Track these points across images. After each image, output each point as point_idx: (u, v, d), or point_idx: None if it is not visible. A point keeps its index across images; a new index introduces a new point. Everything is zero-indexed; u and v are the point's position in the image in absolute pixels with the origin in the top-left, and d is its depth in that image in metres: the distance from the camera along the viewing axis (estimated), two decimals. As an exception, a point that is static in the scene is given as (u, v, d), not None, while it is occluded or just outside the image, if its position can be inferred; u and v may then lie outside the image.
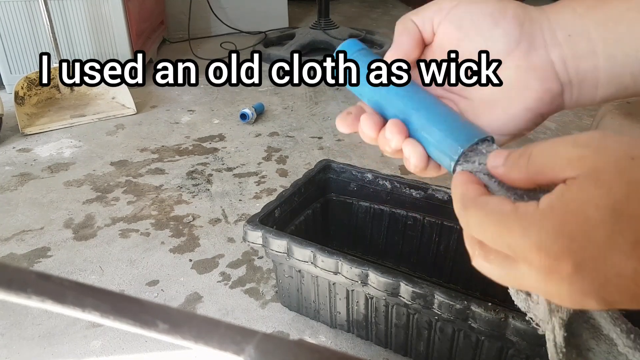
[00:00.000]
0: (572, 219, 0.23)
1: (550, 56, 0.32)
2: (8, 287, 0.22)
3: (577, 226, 0.23)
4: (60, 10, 1.87)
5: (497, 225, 0.26)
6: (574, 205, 0.23)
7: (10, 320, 0.92)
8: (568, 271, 0.23)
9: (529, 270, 0.25)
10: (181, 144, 1.59)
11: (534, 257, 0.24)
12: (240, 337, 0.21)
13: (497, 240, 0.26)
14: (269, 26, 2.81)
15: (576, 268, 0.23)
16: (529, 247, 0.24)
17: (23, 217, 1.22)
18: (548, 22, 0.33)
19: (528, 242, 0.24)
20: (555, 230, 0.23)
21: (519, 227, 0.25)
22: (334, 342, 0.88)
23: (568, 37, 0.32)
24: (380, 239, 1.04)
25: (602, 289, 0.23)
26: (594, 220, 0.23)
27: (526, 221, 0.25)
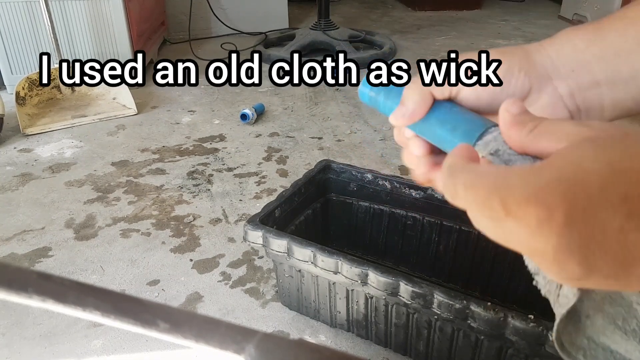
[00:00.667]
0: (569, 169, 0.24)
1: (558, 91, 0.35)
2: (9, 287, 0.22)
3: (573, 177, 0.24)
4: (61, 10, 1.87)
5: (490, 184, 0.26)
6: (570, 158, 0.24)
7: (12, 320, 0.92)
8: (560, 221, 0.23)
9: (518, 226, 0.25)
10: (182, 144, 1.59)
11: (527, 209, 0.24)
12: (240, 337, 0.22)
13: (488, 200, 0.26)
14: (269, 27, 2.81)
15: (567, 219, 0.23)
16: (525, 197, 0.24)
17: (24, 217, 1.23)
18: (551, 61, 0.36)
19: (525, 193, 0.24)
20: (552, 180, 0.24)
21: (515, 180, 0.25)
22: (333, 341, 0.88)
23: (572, 71, 0.35)
24: (380, 239, 1.04)
25: (587, 244, 0.23)
26: (590, 170, 0.23)
27: (523, 173, 0.25)
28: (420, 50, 2.55)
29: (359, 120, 1.76)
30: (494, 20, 3.26)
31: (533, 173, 0.25)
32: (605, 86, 0.35)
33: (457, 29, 3.01)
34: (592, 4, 2.89)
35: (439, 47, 2.62)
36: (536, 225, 0.24)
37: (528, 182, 0.24)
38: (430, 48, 2.59)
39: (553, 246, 0.24)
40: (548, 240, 0.24)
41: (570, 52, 0.35)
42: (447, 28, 3.04)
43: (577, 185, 0.23)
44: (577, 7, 3.04)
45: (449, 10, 3.48)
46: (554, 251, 0.24)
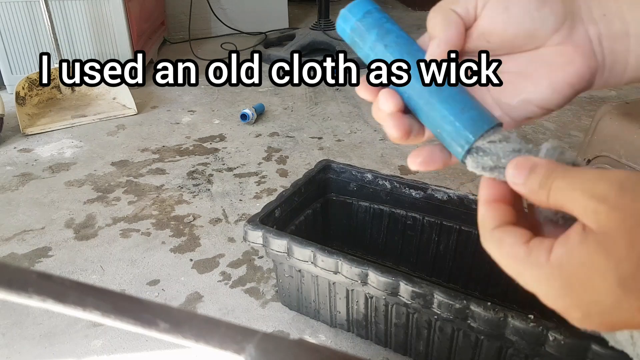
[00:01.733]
0: (578, 284, 0.25)
1: (589, 33, 0.32)
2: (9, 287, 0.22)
3: (583, 291, 0.25)
4: (61, 10, 1.87)
5: (512, 269, 0.28)
6: (581, 272, 0.25)
7: (12, 320, 0.92)
8: (577, 317, 0.26)
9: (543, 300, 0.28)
10: (182, 144, 1.59)
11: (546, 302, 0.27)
12: (240, 337, 0.22)
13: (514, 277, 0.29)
14: (269, 27, 2.81)
15: (584, 317, 0.26)
16: (542, 295, 0.27)
17: (24, 217, 1.23)
18: (584, 1, 0.33)
19: (540, 292, 0.27)
20: (563, 289, 0.26)
21: (531, 278, 0.27)
22: (333, 341, 0.88)
23: (603, 16, 0.32)
24: (380, 239, 1.04)
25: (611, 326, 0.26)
26: (601, 289, 0.25)
27: (537, 274, 0.27)
28: (420, 50, 2.55)
29: (359, 120, 1.76)
30: (494, 20, 3.26)
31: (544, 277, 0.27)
32: (634, 38, 0.32)
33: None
34: None
35: (439, 47, 2.62)
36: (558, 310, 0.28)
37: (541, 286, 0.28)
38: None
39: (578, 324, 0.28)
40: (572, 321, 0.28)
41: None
42: (447, 28, 3.03)
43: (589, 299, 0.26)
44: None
45: (449, 10, 3.48)
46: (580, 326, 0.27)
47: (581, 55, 0.33)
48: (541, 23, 0.32)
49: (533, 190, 0.28)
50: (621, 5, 0.32)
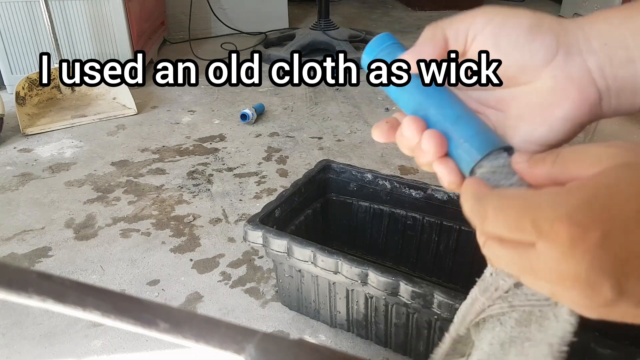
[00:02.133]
0: (604, 190, 0.24)
1: (587, 64, 0.32)
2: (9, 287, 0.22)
3: (609, 198, 0.23)
4: (61, 10, 1.87)
5: (521, 204, 0.25)
6: (606, 180, 0.24)
7: (11, 320, 0.92)
8: (594, 241, 0.23)
9: (549, 249, 0.24)
10: (182, 144, 1.59)
11: (560, 229, 0.24)
12: (240, 337, 0.22)
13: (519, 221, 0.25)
14: (269, 27, 2.81)
15: (603, 238, 0.23)
16: (558, 217, 0.24)
17: (24, 217, 1.23)
18: (583, 32, 0.32)
19: (557, 212, 0.24)
20: (585, 200, 0.24)
21: (546, 201, 0.25)
22: (333, 341, 0.88)
23: (604, 45, 0.32)
24: (380, 239, 1.04)
25: (622, 267, 0.23)
26: (627, 193, 0.23)
27: (554, 194, 0.25)
28: (420, 50, 2.55)
29: (359, 120, 1.76)
30: (494, 20, 3.26)
31: (566, 193, 0.24)
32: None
33: (457, 29, 3.01)
34: (592, 3, 2.89)
35: (439, 47, 2.62)
36: (569, 245, 0.24)
37: (561, 202, 0.24)
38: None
39: (586, 267, 0.23)
40: (581, 262, 0.24)
41: (604, 27, 0.32)
42: (447, 28, 3.04)
43: (614, 206, 0.23)
44: (577, 7, 3.04)
45: (449, 10, 3.48)
46: (587, 273, 0.24)
47: (577, 88, 0.32)
48: (531, 56, 0.32)
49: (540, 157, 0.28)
50: (623, 33, 0.32)
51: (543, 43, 0.32)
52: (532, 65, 0.33)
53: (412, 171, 1.41)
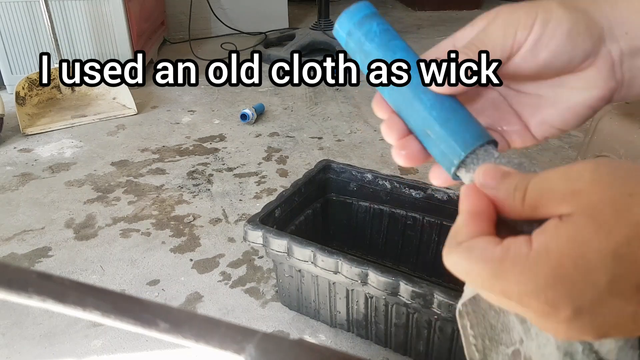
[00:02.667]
0: (569, 262, 0.22)
1: (611, 54, 0.32)
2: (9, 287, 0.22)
3: (575, 271, 0.22)
4: (61, 10, 1.87)
5: (487, 273, 0.25)
6: (571, 247, 0.23)
7: (11, 320, 0.92)
8: (566, 316, 0.23)
9: (524, 311, 0.25)
10: (182, 144, 1.59)
11: (530, 303, 0.23)
12: (240, 337, 0.22)
13: (489, 287, 0.25)
14: (269, 27, 2.81)
15: (575, 313, 0.23)
16: (525, 294, 0.23)
17: (24, 217, 1.23)
18: (607, 20, 0.32)
19: (523, 289, 0.23)
20: (552, 276, 0.23)
21: (512, 275, 0.24)
22: (333, 341, 0.88)
23: (625, 34, 0.32)
24: (380, 239, 1.04)
25: (599, 328, 0.23)
26: (594, 264, 0.22)
27: (520, 266, 0.23)
28: (420, 50, 2.52)
29: (359, 120, 1.76)
30: (494, 20, 3.26)
31: (533, 265, 0.23)
32: None
33: (457, 29, 3.00)
34: (592, 3, 2.88)
35: (439, 47, 2.62)
36: (540, 318, 0.24)
37: (528, 277, 0.23)
38: (430, 48, 2.59)
39: (564, 330, 0.24)
40: (557, 327, 0.24)
41: (625, 12, 0.32)
42: (447, 28, 3.04)
43: (583, 281, 0.22)
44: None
45: (449, 10, 3.48)
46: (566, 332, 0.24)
47: (603, 78, 0.32)
48: (569, 61, 0.32)
49: (509, 193, 0.26)
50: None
51: (581, 49, 0.32)
52: (572, 65, 0.33)
53: (412, 171, 1.41)
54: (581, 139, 1.37)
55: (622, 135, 0.94)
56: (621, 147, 0.94)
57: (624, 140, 0.94)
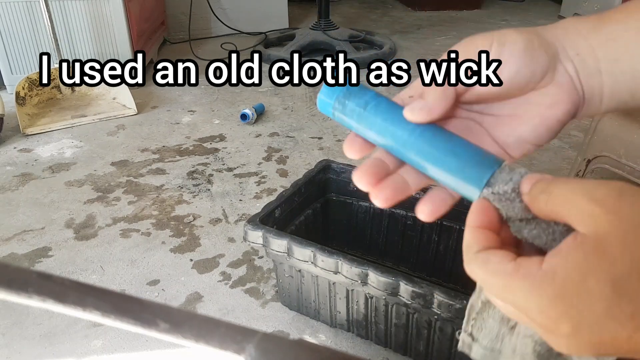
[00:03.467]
0: (572, 288, 0.25)
1: (568, 72, 0.35)
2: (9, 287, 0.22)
3: (576, 295, 0.25)
4: (61, 10, 1.87)
5: (499, 285, 0.28)
6: (576, 274, 0.25)
7: (11, 320, 0.92)
8: (566, 331, 0.26)
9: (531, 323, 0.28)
10: (182, 144, 1.59)
11: (534, 317, 0.26)
12: (240, 337, 0.22)
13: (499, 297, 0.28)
14: (269, 27, 2.81)
15: (573, 330, 0.25)
16: (530, 309, 0.26)
17: (24, 217, 1.23)
18: (559, 42, 0.35)
19: (529, 304, 0.26)
20: (555, 297, 0.25)
21: (520, 290, 0.27)
22: (333, 341, 0.88)
23: (577, 55, 0.34)
24: (380, 239, 1.04)
25: (597, 346, 0.26)
26: (594, 292, 0.24)
27: (528, 284, 0.26)
28: (420, 50, 2.55)
29: (359, 120, 1.76)
30: (494, 20, 3.26)
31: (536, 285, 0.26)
32: (605, 75, 0.34)
33: (457, 29, 3.01)
34: (592, 3, 2.89)
35: (439, 47, 2.62)
36: (543, 331, 0.27)
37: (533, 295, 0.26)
38: (430, 48, 2.59)
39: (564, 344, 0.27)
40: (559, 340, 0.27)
41: (574, 37, 0.35)
42: (447, 28, 3.04)
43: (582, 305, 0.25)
44: (577, 7, 3.04)
45: (449, 10, 3.48)
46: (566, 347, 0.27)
47: (566, 93, 0.35)
48: (531, 76, 0.34)
49: (534, 196, 0.29)
50: (591, 44, 0.34)
51: (539, 62, 0.34)
52: (533, 82, 0.35)
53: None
54: (581, 139, 1.37)
55: (622, 135, 0.94)
56: (621, 147, 0.94)
57: (624, 140, 0.94)
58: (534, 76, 0.34)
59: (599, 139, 0.99)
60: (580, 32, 0.35)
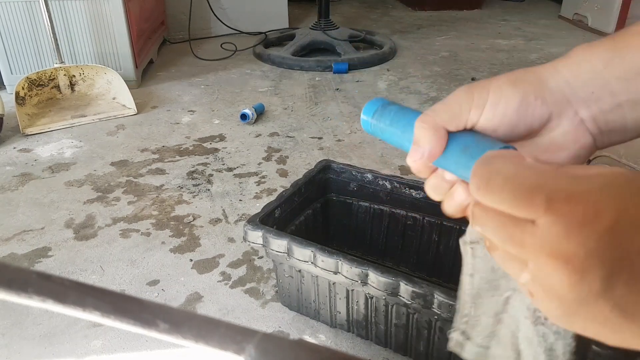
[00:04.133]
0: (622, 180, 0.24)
1: (579, 116, 0.34)
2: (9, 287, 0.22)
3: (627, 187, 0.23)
4: (61, 10, 1.87)
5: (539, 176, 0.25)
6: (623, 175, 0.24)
7: (11, 320, 0.92)
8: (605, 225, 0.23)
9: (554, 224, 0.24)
10: (182, 144, 1.59)
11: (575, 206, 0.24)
12: (240, 337, 0.22)
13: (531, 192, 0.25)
14: (269, 27, 2.81)
15: (613, 225, 0.23)
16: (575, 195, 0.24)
17: (24, 217, 1.23)
18: (568, 85, 0.33)
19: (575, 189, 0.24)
20: (606, 184, 0.24)
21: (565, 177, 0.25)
22: (333, 341, 0.88)
23: (591, 94, 0.33)
24: (380, 239, 1.04)
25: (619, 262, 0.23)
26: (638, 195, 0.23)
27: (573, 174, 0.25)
28: (420, 50, 2.55)
29: (359, 120, 1.76)
30: (494, 20, 3.26)
31: (586, 177, 0.24)
32: (627, 107, 0.33)
33: (457, 29, 3.01)
34: (592, 3, 2.89)
35: (439, 46, 2.62)
36: (579, 223, 0.23)
37: (580, 181, 0.24)
38: (430, 48, 2.59)
39: (587, 250, 0.23)
40: (585, 242, 0.23)
41: (588, 73, 0.33)
42: (447, 28, 3.04)
43: (630, 197, 0.23)
44: (577, 6, 3.04)
45: (449, 10, 3.48)
46: (585, 256, 0.23)
47: (572, 140, 0.34)
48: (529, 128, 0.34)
49: None
50: (608, 80, 0.33)
51: (534, 115, 0.33)
52: (531, 133, 0.34)
53: (412, 171, 1.40)
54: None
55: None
56: (621, 147, 0.94)
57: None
58: (532, 128, 0.34)
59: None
60: (594, 67, 0.33)
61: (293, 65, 2.27)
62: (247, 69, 2.30)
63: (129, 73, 1.99)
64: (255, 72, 2.27)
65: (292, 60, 2.29)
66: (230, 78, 2.19)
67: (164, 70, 2.27)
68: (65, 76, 1.83)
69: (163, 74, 2.22)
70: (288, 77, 2.19)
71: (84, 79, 1.87)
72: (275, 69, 2.29)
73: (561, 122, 0.34)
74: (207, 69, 2.28)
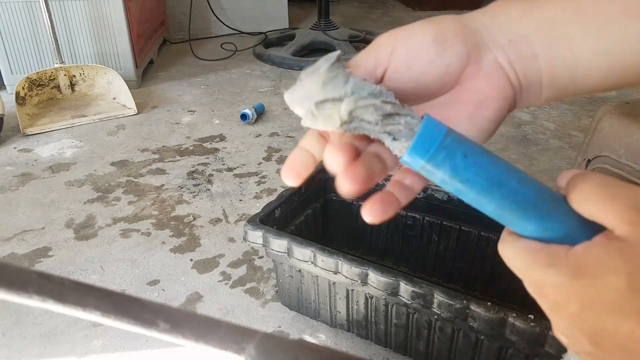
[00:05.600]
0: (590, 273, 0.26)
1: (498, 60, 0.32)
2: (9, 287, 0.22)
3: (592, 281, 0.25)
4: (61, 10, 1.87)
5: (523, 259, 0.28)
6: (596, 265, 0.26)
7: (12, 320, 0.92)
8: (573, 311, 0.26)
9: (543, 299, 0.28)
10: (182, 144, 1.59)
11: (548, 292, 0.27)
12: (240, 337, 0.22)
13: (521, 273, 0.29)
14: (269, 27, 2.81)
15: (580, 311, 0.26)
16: (547, 282, 0.27)
17: (24, 217, 1.23)
18: (486, 29, 0.32)
19: (544, 279, 0.27)
20: (572, 276, 0.26)
21: (540, 266, 0.27)
22: (333, 341, 0.88)
23: (509, 41, 0.32)
24: (380, 239, 1.04)
25: (596, 334, 0.26)
26: (609, 282, 0.25)
27: (550, 260, 0.27)
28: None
29: (359, 120, 1.76)
30: (494, 20, 3.26)
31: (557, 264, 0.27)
32: (542, 60, 0.31)
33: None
34: None
35: (439, 47, 2.62)
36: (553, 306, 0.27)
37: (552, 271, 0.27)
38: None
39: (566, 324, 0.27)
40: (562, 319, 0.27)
41: (505, 21, 0.32)
42: (447, 28, 3.04)
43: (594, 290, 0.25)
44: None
45: (449, 10, 3.48)
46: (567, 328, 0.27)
47: (495, 88, 0.32)
48: (446, 68, 0.31)
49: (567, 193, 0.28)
50: (525, 29, 0.31)
51: (453, 52, 0.31)
52: (450, 74, 0.32)
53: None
54: (581, 139, 1.37)
55: (622, 135, 0.94)
56: (621, 147, 0.94)
57: (624, 140, 0.94)
58: (450, 69, 0.31)
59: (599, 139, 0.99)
60: (511, 16, 0.32)
61: (293, 65, 2.27)
62: (247, 69, 2.30)
63: (129, 73, 1.99)
64: (256, 72, 2.27)
65: (292, 61, 2.29)
66: (230, 78, 2.19)
67: (164, 70, 2.27)
68: (66, 76, 1.83)
69: (163, 74, 2.22)
70: (288, 77, 2.19)
71: (84, 79, 1.87)
72: (275, 69, 2.29)
73: (481, 67, 0.32)
74: (207, 69, 2.28)
